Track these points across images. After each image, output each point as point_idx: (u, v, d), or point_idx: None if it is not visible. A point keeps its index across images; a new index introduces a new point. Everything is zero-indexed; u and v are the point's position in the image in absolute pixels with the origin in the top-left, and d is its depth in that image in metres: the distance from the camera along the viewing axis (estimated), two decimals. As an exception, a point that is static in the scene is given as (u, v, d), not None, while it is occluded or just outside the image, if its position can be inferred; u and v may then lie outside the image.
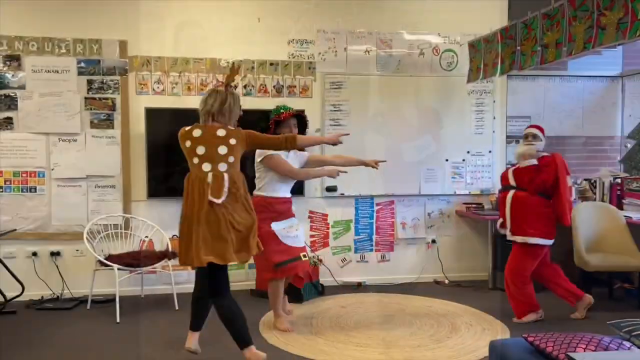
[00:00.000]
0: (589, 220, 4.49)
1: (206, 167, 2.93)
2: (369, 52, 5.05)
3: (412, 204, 5.21)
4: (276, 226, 3.67)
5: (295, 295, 4.41)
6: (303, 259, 3.76)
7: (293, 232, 3.76)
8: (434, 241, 5.24)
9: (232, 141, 2.95)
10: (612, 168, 5.25)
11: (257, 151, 3.61)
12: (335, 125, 4.99)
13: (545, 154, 3.98)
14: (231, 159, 2.95)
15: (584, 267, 4.29)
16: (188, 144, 2.97)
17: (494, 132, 5.27)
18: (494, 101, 5.26)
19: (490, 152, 5.27)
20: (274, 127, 3.70)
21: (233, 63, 4.38)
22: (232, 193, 2.92)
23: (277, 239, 3.64)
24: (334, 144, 3.43)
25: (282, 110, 3.74)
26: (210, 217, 2.87)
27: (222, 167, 2.93)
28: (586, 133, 5.43)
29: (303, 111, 4.01)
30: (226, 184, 2.90)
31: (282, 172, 3.65)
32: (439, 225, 5.26)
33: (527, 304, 4.00)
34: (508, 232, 4.02)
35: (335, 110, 5.00)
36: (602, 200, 4.94)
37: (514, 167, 4.15)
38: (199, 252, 2.85)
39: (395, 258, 5.20)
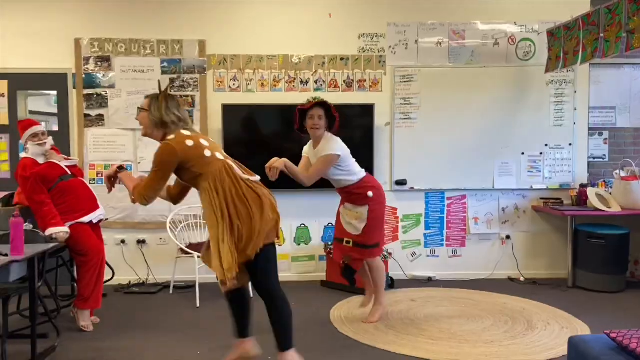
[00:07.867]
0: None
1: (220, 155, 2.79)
2: (440, 43, 4.98)
3: (485, 198, 5.09)
4: None
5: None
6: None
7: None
8: (508, 237, 5.10)
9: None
10: None
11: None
12: (405, 119, 4.98)
13: None
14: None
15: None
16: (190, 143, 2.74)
17: (574, 124, 5.02)
18: (575, 91, 5.01)
19: (570, 144, 5.03)
20: (299, 117, 3.59)
21: None
22: None
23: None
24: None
25: (308, 100, 3.58)
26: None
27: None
28: (678, 124, 5.07)
29: (325, 102, 3.57)
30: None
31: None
32: (514, 220, 5.11)
33: None
34: None
35: (405, 104, 4.98)
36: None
37: None
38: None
39: (467, 253, 5.11)
